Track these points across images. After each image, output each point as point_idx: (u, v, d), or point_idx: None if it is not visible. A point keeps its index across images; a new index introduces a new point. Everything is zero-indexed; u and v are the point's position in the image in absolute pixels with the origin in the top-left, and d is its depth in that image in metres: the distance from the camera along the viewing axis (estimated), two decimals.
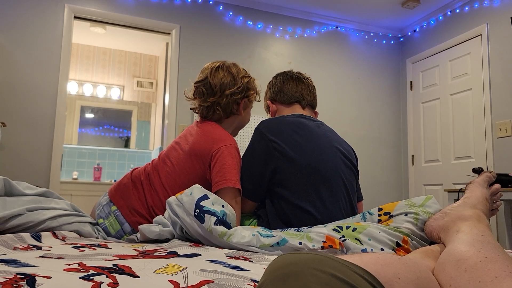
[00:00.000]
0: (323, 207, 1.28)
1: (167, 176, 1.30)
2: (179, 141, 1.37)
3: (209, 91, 1.34)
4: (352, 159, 1.48)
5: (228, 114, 1.37)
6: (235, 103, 1.37)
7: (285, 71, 1.63)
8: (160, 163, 1.34)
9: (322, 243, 0.94)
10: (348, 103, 4.34)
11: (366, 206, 4.13)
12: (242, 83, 1.37)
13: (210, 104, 1.35)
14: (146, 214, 1.28)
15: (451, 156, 3.89)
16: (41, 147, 3.27)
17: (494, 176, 1.05)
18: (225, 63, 1.40)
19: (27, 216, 1.07)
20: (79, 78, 5.09)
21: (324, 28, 4.33)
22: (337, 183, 1.33)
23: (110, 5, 3.59)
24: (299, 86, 1.56)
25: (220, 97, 1.34)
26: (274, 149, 1.30)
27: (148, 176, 1.33)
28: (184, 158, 1.30)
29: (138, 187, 1.32)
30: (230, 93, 1.34)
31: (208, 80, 1.35)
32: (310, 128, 1.38)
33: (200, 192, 1.12)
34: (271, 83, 1.61)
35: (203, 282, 0.61)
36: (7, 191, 1.12)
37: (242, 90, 1.37)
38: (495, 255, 0.61)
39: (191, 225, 1.07)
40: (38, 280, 0.57)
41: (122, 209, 1.27)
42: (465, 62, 3.80)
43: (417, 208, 1.05)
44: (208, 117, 1.38)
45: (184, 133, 1.40)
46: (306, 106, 1.56)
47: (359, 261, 0.47)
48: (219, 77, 1.34)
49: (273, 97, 1.58)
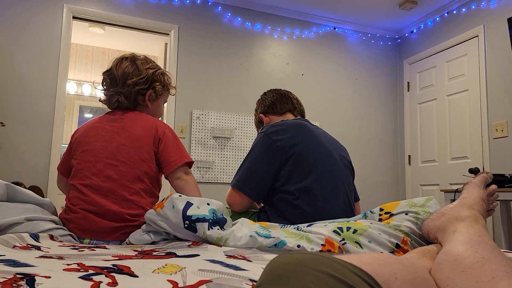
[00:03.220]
0: (323, 203, 1.31)
1: (122, 177, 1.24)
2: (96, 142, 1.29)
3: (113, 81, 1.35)
4: (348, 159, 1.55)
5: (133, 104, 1.37)
6: (139, 94, 1.37)
7: (271, 89, 1.74)
8: (100, 174, 1.24)
9: (321, 247, 0.94)
10: (345, 103, 4.35)
11: (363, 206, 4.14)
12: (147, 74, 1.36)
13: (113, 93, 1.35)
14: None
15: (448, 156, 3.90)
16: (39, 147, 3.27)
17: (490, 177, 1.05)
18: (134, 55, 1.40)
19: (25, 226, 1.06)
20: (78, 78, 5.08)
21: (321, 29, 4.34)
22: (336, 180, 1.38)
23: (109, 6, 3.59)
24: (287, 98, 1.69)
25: (121, 86, 1.34)
26: (278, 148, 1.36)
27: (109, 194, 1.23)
28: (131, 152, 1.26)
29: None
30: (132, 83, 1.34)
31: (113, 71, 1.36)
32: (310, 129, 1.45)
33: (182, 201, 1.07)
34: (261, 99, 1.72)
35: (201, 282, 0.61)
36: (9, 197, 1.11)
37: (147, 81, 1.36)
38: (492, 255, 0.62)
39: (185, 234, 1.06)
40: (37, 279, 0.58)
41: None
42: (462, 63, 3.81)
43: (417, 208, 1.05)
44: (113, 107, 1.37)
45: (94, 133, 1.31)
46: (298, 115, 1.67)
47: (357, 261, 0.48)
48: (123, 67, 1.35)
49: (265, 110, 1.68)
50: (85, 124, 1.37)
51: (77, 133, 1.35)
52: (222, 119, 3.84)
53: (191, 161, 1.32)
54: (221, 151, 3.79)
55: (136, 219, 1.21)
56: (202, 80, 3.84)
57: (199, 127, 3.75)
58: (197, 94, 3.80)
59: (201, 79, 3.83)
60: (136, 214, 1.22)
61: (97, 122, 1.34)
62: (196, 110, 3.76)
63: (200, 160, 3.71)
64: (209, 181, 3.71)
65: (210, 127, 3.78)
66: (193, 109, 3.76)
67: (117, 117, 1.34)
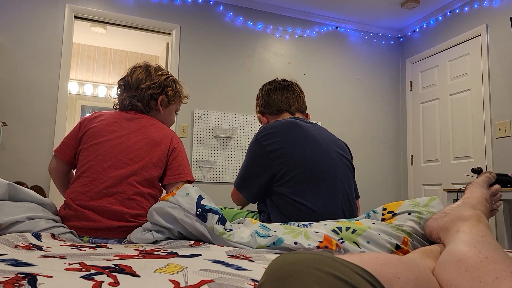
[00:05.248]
0: (322, 204, 1.30)
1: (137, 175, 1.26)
2: (112, 138, 1.30)
3: (127, 87, 1.41)
4: (347, 155, 1.51)
5: (147, 108, 1.41)
6: (152, 98, 1.42)
7: (270, 81, 1.68)
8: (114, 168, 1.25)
9: (318, 243, 0.95)
10: (347, 103, 4.35)
11: (365, 206, 4.14)
12: (160, 80, 1.43)
13: (126, 97, 1.40)
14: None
15: (450, 156, 3.89)
16: (41, 147, 3.27)
17: (494, 176, 1.05)
18: (147, 63, 1.47)
19: (27, 224, 1.07)
20: (80, 78, 5.09)
21: (323, 29, 4.34)
22: (334, 179, 1.37)
23: (110, 5, 3.59)
24: (284, 95, 1.61)
25: (135, 90, 1.39)
26: (270, 152, 1.36)
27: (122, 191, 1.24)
28: (144, 153, 1.29)
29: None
30: (145, 87, 1.40)
31: (127, 78, 1.42)
32: (304, 128, 1.43)
33: (196, 192, 1.13)
34: (258, 96, 1.69)
35: (203, 282, 0.61)
36: (11, 196, 1.11)
37: (159, 86, 1.43)
38: (496, 255, 0.61)
39: (191, 224, 1.07)
40: (39, 279, 0.57)
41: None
42: (465, 62, 3.80)
43: (421, 208, 1.05)
44: (127, 109, 1.40)
45: (108, 126, 1.32)
46: (295, 112, 1.62)
47: (359, 261, 0.48)
48: (136, 74, 1.42)
49: (262, 110, 1.66)
50: (98, 115, 1.37)
51: (90, 122, 1.34)
52: (224, 119, 3.83)
53: (193, 180, 1.38)
54: (223, 151, 3.79)
55: (136, 220, 1.22)
56: (203, 79, 3.84)
57: (200, 126, 3.75)
58: (198, 93, 3.80)
59: (202, 78, 3.83)
60: (138, 215, 1.22)
61: (112, 117, 1.35)
62: (197, 110, 3.76)
63: (202, 160, 3.71)
64: (210, 181, 3.71)
65: (211, 126, 3.78)
66: (194, 109, 3.76)
67: (134, 117, 1.37)
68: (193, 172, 3.67)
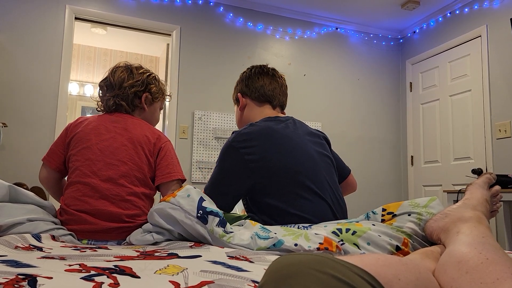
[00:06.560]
0: (313, 210, 1.27)
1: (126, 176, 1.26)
2: (95, 139, 1.30)
3: (109, 87, 1.40)
4: (324, 146, 1.44)
5: (131, 107, 1.40)
6: (136, 97, 1.41)
7: (260, 65, 1.55)
8: (100, 172, 1.25)
9: (319, 245, 0.94)
10: (347, 104, 4.35)
11: (364, 206, 4.14)
12: (142, 77, 1.42)
13: (110, 97, 1.39)
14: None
15: (451, 157, 3.89)
16: (42, 148, 3.27)
17: (494, 177, 1.05)
18: (127, 63, 1.46)
19: (27, 226, 1.07)
20: (80, 79, 5.09)
21: (324, 29, 4.34)
22: (320, 181, 1.32)
23: (111, 6, 3.60)
24: (272, 84, 1.50)
25: (119, 89, 1.38)
26: (249, 162, 1.28)
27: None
28: (132, 153, 1.29)
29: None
30: (128, 86, 1.39)
31: (109, 78, 1.41)
32: (279, 132, 1.35)
33: (197, 194, 1.11)
34: (244, 74, 1.55)
35: (203, 283, 0.61)
36: (12, 198, 1.11)
37: (142, 83, 1.42)
38: (497, 256, 0.61)
39: (192, 226, 1.06)
40: (39, 280, 0.57)
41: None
42: (465, 63, 3.80)
43: (420, 209, 1.05)
44: (112, 110, 1.39)
45: (94, 131, 1.31)
46: (276, 107, 1.52)
47: (359, 262, 0.48)
48: (118, 73, 1.41)
49: (244, 91, 1.53)
50: (83, 120, 1.36)
51: (76, 127, 1.34)
52: (224, 120, 3.84)
53: (185, 179, 1.37)
54: None
55: (134, 220, 1.22)
56: (204, 80, 3.84)
57: (201, 127, 3.75)
58: (199, 94, 3.80)
59: (203, 79, 3.84)
60: (134, 215, 1.22)
61: (97, 121, 1.34)
62: (198, 111, 3.76)
63: (202, 161, 3.71)
64: None
65: (212, 127, 3.78)
66: (195, 110, 3.76)
67: (119, 119, 1.35)
68: (193, 173, 3.67)
